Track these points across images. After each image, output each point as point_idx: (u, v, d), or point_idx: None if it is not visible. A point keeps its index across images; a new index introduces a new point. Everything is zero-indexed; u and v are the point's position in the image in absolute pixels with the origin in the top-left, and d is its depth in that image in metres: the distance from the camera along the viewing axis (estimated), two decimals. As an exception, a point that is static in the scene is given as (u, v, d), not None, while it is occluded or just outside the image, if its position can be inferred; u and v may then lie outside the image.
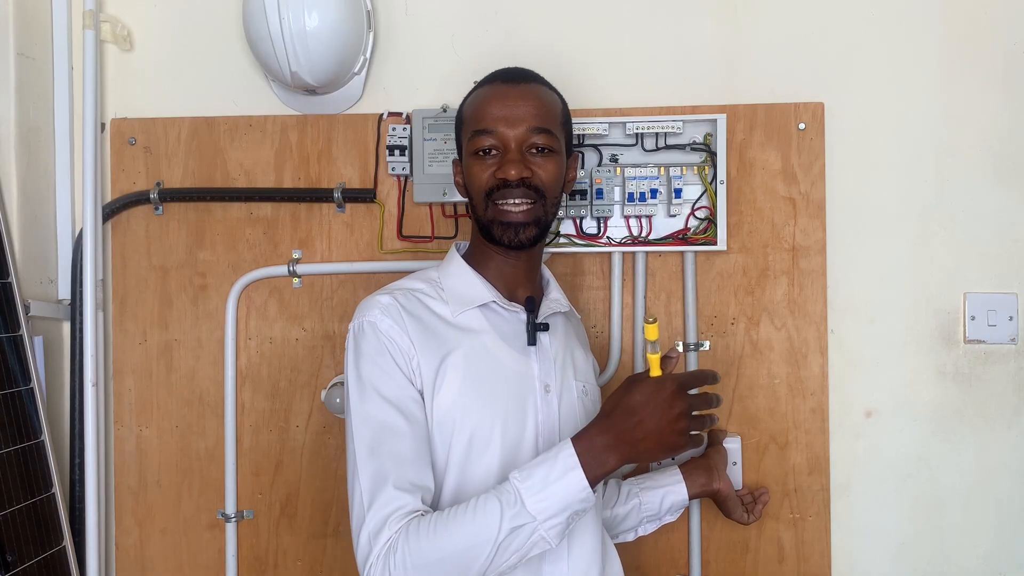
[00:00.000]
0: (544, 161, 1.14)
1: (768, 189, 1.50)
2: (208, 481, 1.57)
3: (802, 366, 1.50)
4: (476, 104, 1.17)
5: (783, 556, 1.50)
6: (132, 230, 1.58)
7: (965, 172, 1.50)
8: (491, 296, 1.16)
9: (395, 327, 1.08)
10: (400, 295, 1.12)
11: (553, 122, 1.16)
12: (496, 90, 1.16)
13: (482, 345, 1.12)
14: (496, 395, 1.11)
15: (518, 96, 1.14)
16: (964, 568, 1.51)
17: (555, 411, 1.14)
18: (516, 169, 1.11)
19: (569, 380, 1.18)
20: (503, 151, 1.13)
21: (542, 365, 1.15)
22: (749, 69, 1.52)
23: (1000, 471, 1.50)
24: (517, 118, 1.13)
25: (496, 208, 1.13)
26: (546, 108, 1.16)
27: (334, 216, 1.56)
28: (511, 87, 1.15)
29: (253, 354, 1.57)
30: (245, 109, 1.57)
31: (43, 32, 1.53)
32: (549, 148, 1.14)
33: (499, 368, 1.12)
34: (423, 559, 0.95)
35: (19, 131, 1.47)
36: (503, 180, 1.12)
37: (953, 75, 1.50)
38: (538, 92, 1.17)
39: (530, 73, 1.20)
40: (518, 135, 1.13)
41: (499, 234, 1.14)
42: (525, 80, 1.17)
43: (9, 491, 1.33)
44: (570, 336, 1.24)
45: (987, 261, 1.50)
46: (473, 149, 1.15)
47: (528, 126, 1.13)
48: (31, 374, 1.40)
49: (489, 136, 1.13)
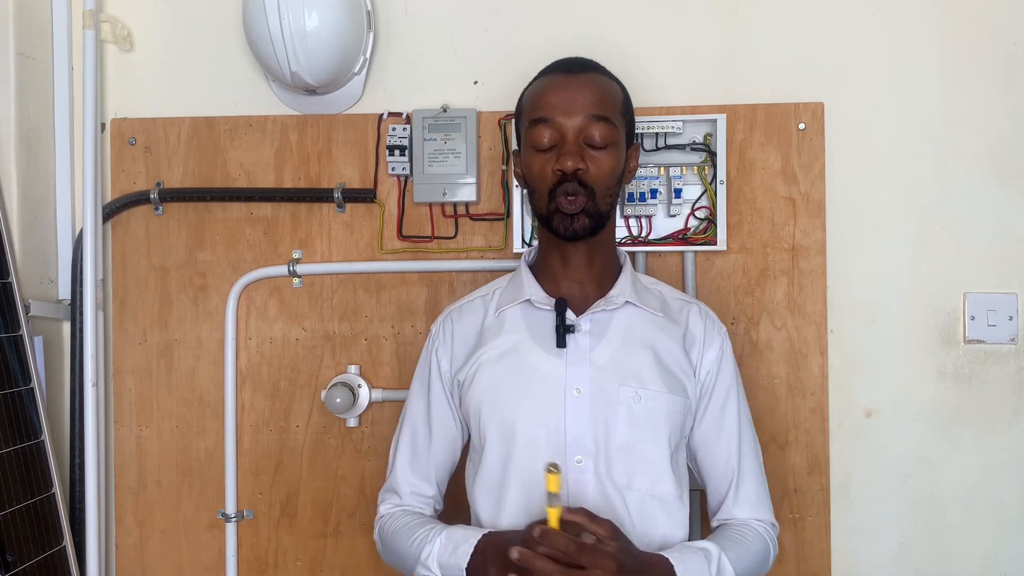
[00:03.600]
0: (601, 155, 1.12)
1: (768, 189, 1.50)
2: (208, 481, 1.57)
3: (802, 366, 1.50)
4: (534, 94, 1.16)
5: (783, 556, 1.50)
6: (132, 230, 1.58)
7: (965, 172, 1.50)
8: (529, 293, 1.17)
9: (443, 346, 1.23)
10: (456, 311, 1.26)
11: (612, 111, 1.14)
12: (555, 80, 1.15)
13: (513, 345, 1.16)
14: (521, 395, 1.12)
15: (577, 85, 1.13)
16: (964, 568, 1.50)
17: (585, 415, 1.11)
18: (573, 160, 1.10)
19: (610, 384, 1.12)
20: (561, 142, 1.12)
21: (573, 367, 1.13)
22: (749, 69, 1.52)
23: (1000, 471, 1.50)
24: (575, 107, 1.11)
25: (555, 202, 1.13)
26: (606, 96, 1.14)
27: (334, 216, 1.56)
28: (570, 76, 1.14)
29: (253, 354, 1.57)
30: (245, 109, 1.57)
31: (43, 32, 1.53)
32: (607, 141, 1.12)
33: (525, 368, 1.14)
34: (384, 546, 1.22)
35: (19, 131, 1.47)
36: (560, 173, 1.11)
37: (953, 75, 1.50)
38: (598, 80, 1.15)
39: (590, 62, 1.18)
40: (576, 124, 1.11)
41: (556, 224, 1.13)
42: (584, 69, 1.15)
43: (9, 491, 1.33)
44: (638, 334, 1.17)
45: (987, 261, 1.50)
46: (532, 141, 1.14)
47: (586, 115, 1.11)
48: (31, 374, 1.40)
49: (547, 125, 1.12)
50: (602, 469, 1.10)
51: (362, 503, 1.55)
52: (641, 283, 1.23)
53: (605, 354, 1.14)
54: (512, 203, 1.49)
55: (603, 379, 1.12)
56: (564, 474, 1.09)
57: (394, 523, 1.19)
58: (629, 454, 1.11)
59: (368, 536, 1.55)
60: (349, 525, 1.55)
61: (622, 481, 1.11)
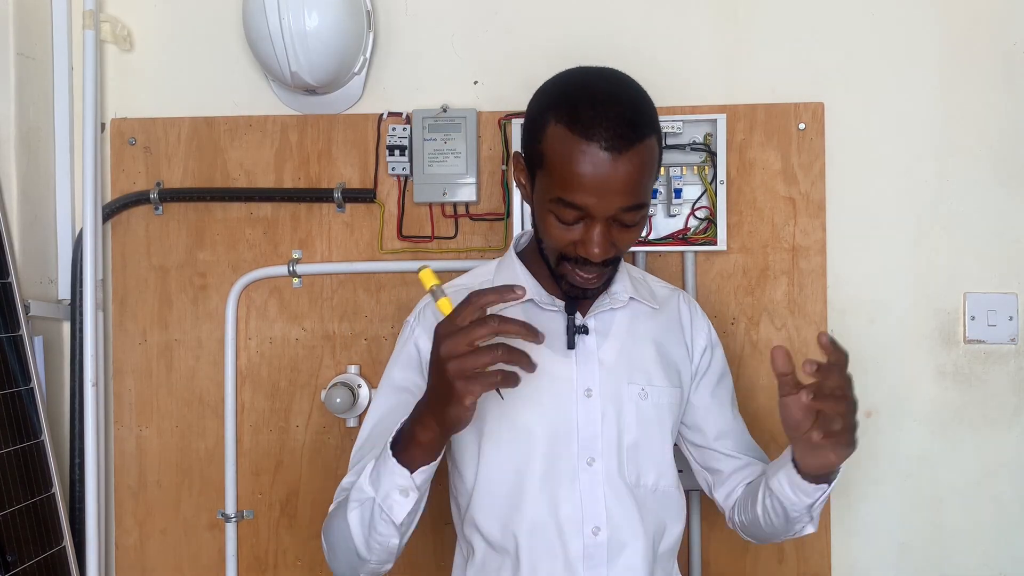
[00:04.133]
0: (629, 232, 1.02)
1: (768, 189, 1.50)
2: (208, 481, 1.57)
3: (802, 366, 1.49)
4: (565, 160, 0.97)
5: (783, 556, 1.50)
6: (132, 230, 1.58)
7: (965, 172, 1.50)
8: (531, 294, 1.11)
9: (424, 333, 1.12)
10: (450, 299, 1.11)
11: (649, 186, 1.01)
12: (593, 158, 0.96)
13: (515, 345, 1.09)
14: (528, 398, 1.08)
15: (618, 168, 0.96)
16: (964, 568, 1.50)
17: (596, 417, 1.09)
18: (601, 249, 1.00)
19: (619, 383, 1.10)
20: (589, 220, 1.00)
21: (583, 368, 1.10)
22: (749, 69, 1.52)
23: (1000, 471, 1.50)
24: (611, 195, 0.97)
25: (567, 269, 1.04)
26: (646, 175, 0.99)
27: (334, 216, 1.56)
28: (612, 158, 0.96)
29: (253, 354, 1.57)
30: (245, 109, 1.57)
31: (43, 32, 1.53)
32: (637, 221, 1.02)
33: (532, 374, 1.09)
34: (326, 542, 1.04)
35: (19, 131, 1.47)
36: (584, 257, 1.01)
37: (953, 75, 1.50)
38: (641, 156, 0.97)
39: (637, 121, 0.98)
40: (609, 211, 0.98)
41: (565, 289, 1.07)
42: (630, 144, 0.96)
43: (9, 491, 1.33)
44: (641, 329, 1.14)
45: (987, 261, 1.50)
46: (554, 211, 1.01)
47: (622, 204, 0.98)
48: (31, 374, 1.40)
49: (575, 209, 0.99)
50: (613, 468, 1.09)
51: (362, 503, 1.55)
52: (633, 274, 1.21)
53: (612, 352, 1.12)
54: (512, 203, 1.49)
55: (612, 378, 1.11)
56: (575, 474, 1.08)
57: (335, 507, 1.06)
58: (637, 451, 1.11)
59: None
60: (349, 525, 1.55)
61: (631, 479, 1.10)
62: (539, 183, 1.03)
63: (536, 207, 1.06)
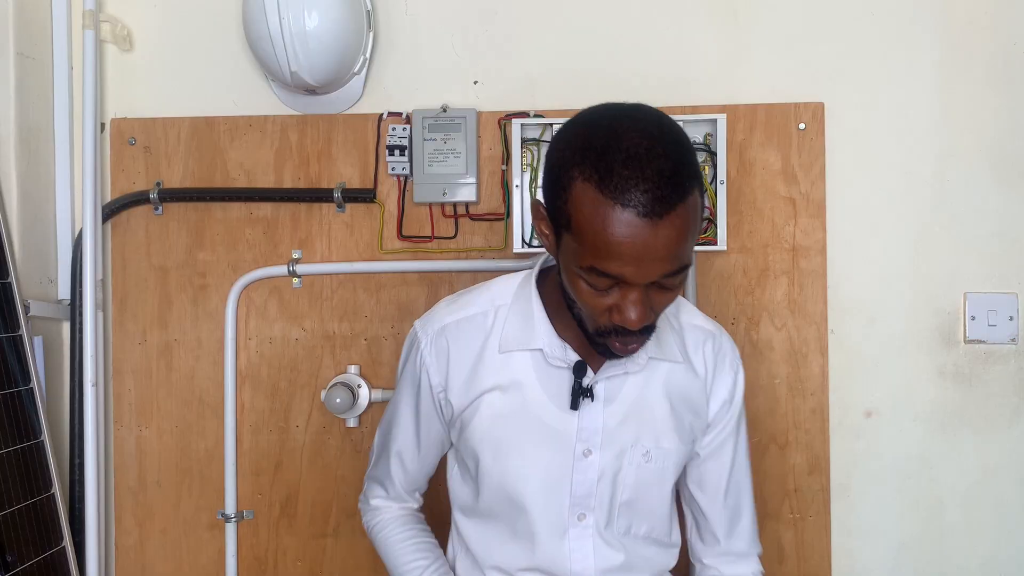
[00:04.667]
0: (669, 292, 0.92)
1: (768, 189, 1.50)
2: (208, 481, 1.57)
3: (802, 366, 1.50)
4: (598, 227, 0.85)
5: (783, 556, 1.50)
6: (132, 230, 1.58)
7: (965, 172, 1.50)
8: (542, 343, 1.03)
9: (434, 364, 1.09)
10: (453, 327, 1.08)
11: (692, 245, 0.90)
12: (631, 225, 0.84)
13: (521, 395, 1.05)
14: (524, 449, 1.05)
15: (658, 235, 0.84)
16: (964, 568, 1.50)
17: (593, 477, 1.05)
18: (639, 318, 0.90)
19: (622, 445, 1.05)
20: (626, 287, 0.89)
21: (585, 427, 1.04)
22: (749, 69, 1.51)
23: (1000, 471, 1.50)
24: (652, 261, 0.86)
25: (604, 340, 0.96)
26: (691, 234, 0.88)
27: (334, 216, 1.56)
28: (653, 223, 0.84)
29: (253, 354, 1.57)
30: (245, 109, 1.57)
31: (43, 32, 1.53)
32: (678, 283, 0.92)
33: (533, 423, 1.05)
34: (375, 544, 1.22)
35: (19, 131, 1.47)
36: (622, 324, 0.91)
37: (953, 75, 1.50)
38: (684, 218, 0.85)
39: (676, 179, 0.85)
40: (649, 279, 0.88)
41: (600, 351, 0.98)
42: (670, 207, 0.84)
43: (9, 491, 1.33)
44: (655, 386, 1.07)
45: (987, 261, 1.50)
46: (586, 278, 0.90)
47: (664, 271, 0.87)
48: (31, 374, 1.40)
49: (610, 280, 0.89)
50: (601, 522, 1.08)
51: (362, 503, 1.55)
52: (665, 321, 1.08)
53: (619, 412, 1.05)
54: (512, 203, 1.49)
55: (615, 439, 1.05)
56: (564, 528, 1.07)
57: (386, 532, 1.19)
58: (631, 507, 1.08)
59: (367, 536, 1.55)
60: (349, 525, 1.55)
61: (621, 529, 1.09)
62: (566, 245, 0.91)
63: (564, 268, 0.94)
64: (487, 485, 1.08)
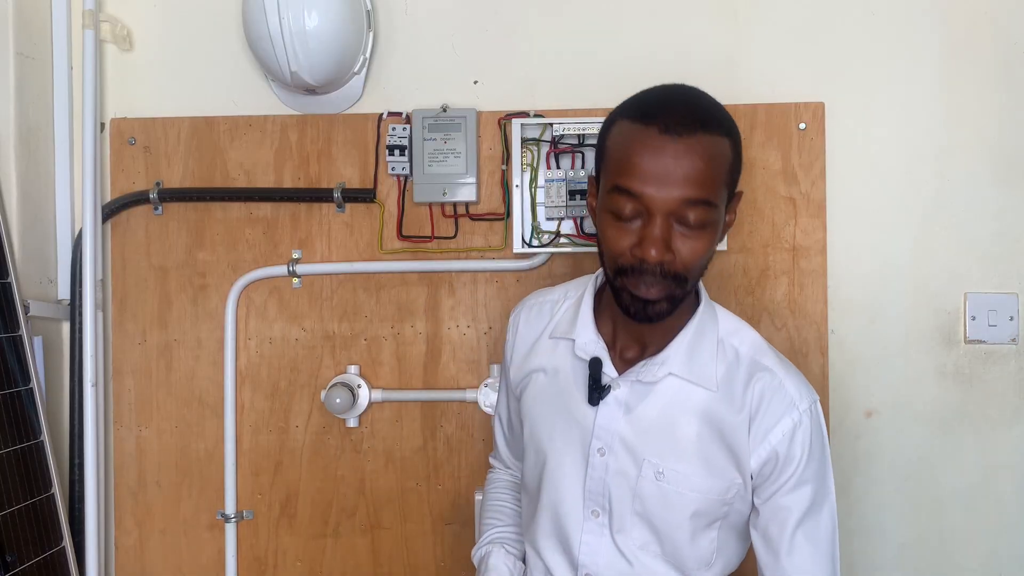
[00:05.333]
0: (693, 238, 0.93)
1: (768, 189, 1.50)
2: (208, 481, 1.57)
3: (802, 366, 1.49)
4: (624, 146, 0.94)
5: (783, 556, 1.50)
6: (132, 230, 1.58)
7: (965, 172, 1.50)
8: (578, 335, 1.06)
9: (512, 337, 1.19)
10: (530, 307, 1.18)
11: (716, 186, 0.93)
12: (651, 140, 0.91)
13: (556, 375, 1.10)
14: (552, 429, 1.09)
15: (677, 154, 0.90)
16: (965, 569, 1.50)
17: (604, 477, 1.04)
18: (657, 249, 0.92)
19: (636, 456, 1.02)
20: (647, 217, 0.93)
21: (602, 427, 1.04)
22: (749, 69, 1.51)
23: (1001, 471, 1.49)
24: (670, 183, 0.90)
25: (625, 281, 0.96)
26: (711, 169, 0.92)
27: (334, 216, 1.55)
28: (670, 140, 0.91)
29: (253, 354, 1.56)
30: (245, 109, 1.57)
31: (43, 32, 1.53)
32: (703, 223, 0.93)
33: (562, 409, 1.08)
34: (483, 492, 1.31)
35: (19, 131, 1.47)
36: (640, 260, 0.93)
37: (953, 75, 1.50)
38: (705, 147, 0.91)
39: (701, 113, 0.93)
40: (668, 204, 0.91)
41: (626, 303, 0.97)
42: (691, 131, 0.91)
43: (9, 491, 1.32)
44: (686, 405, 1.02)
45: (987, 261, 1.50)
46: (610, 206, 0.95)
47: (683, 196, 0.91)
48: (31, 374, 1.40)
49: (632, 200, 0.92)
50: (616, 527, 1.05)
51: (362, 503, 1.55)
52: (707, 338, 1.04)
53: (640, 424, 1.03)
54: (512, 203, 1.49)
55: (629, 449, 1.03)
56: (580, 520, 1.07)
57: (489, 488, 1.29)
58: (648, 523, 1.04)
59: (367, 536, 1.55)
60: (349, 525, 1.55)
61: (636, 542, 1.05)
62: (602, 188, 0.98)
63: (597, 215, 0.99)
64: (527, 456, 1.15)
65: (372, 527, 1.55)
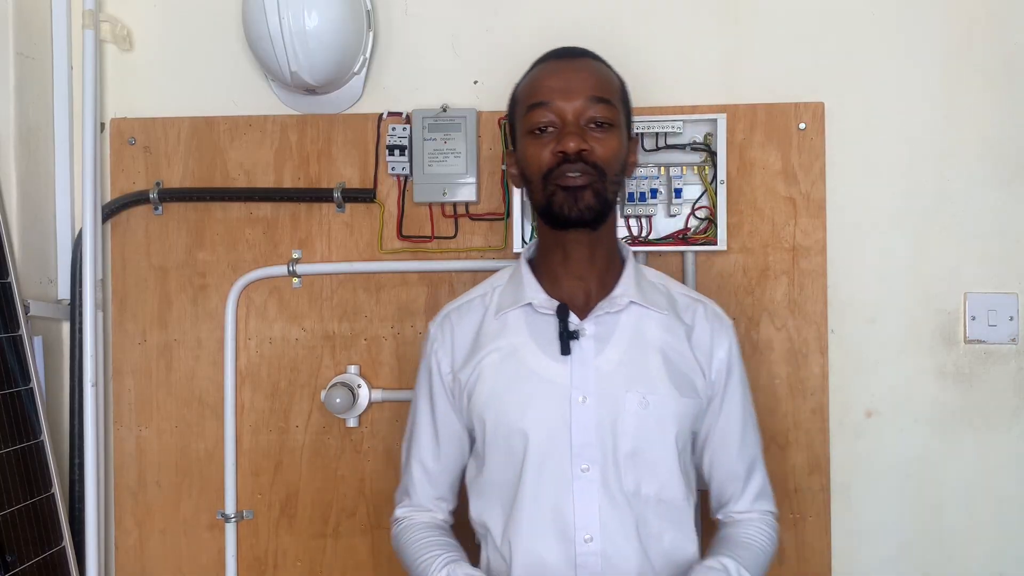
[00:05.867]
0: (603, 135, 1.08)
1: (768, 189, 1.50)
2: (208, 481, 1.57)
3: (802, 366, 1.50)
4: (531, 81, 1.13)
5: (783, 556, 1.50)
6: (132, 230, 1.58)
7: (965, 172, 1.50)
8: (531, 296, 1.13)
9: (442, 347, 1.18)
10: (456, 311, 1.21)
11: (612, 93, 1.11)
12: (551, 65, 1.12)
13: (514, 348, 1.12)
14: (525, 402, 1.09)
15: (575, 68, 1.10)
16: (965, 568, 1.50)
17: (591, 423, 1.08)
18: (575, 141, 1.05)
19: (616, 390, 1.09)
20: (561, 125, 1.08)
21: (578, 373, 1.09)
22: (749, 69, 1.51)
23: (1000, 471, 1.50)
24: (574, 89, 1.07)
25: (555, 184, 1.07)
26: (604, 80, 1.11)
27: (334, 216, 1.55)
28: (566, 61, 1.12)
29: (253, 354, 1.57)
30: (245, 109, 1.57)
31: (43, 32, 1.53)
32: (608, 121, 1.08)
33: (529, 375, 1.10)
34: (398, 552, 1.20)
35: (19, 131, 1.47)
36: (562, 155, 1.05)
37: (954, 75, 1.50)
38: (595, 65, 1.13)
39: (586, 50, 1.15)
40: (576, 107, 1.07)
41: (558, 204, 1.07)
42: (581, 55, 1.13)
43: (9, 491, 1.33)
44: (648, 336, 1.12)
45: (987, 261, 1.50)
46: (529, 126, 1.09)
47: (586, 96, 1.07)
48: (31, 374, 1.40)
49: (546, 109, 1.08)
50: (609, 476, 1.08)
51: (362, 503, 1.55)
52: (646, 278, 1.18)
53: (611, 359, 1.10)
54: (512, 203, 1.49)
55: (609, 385, 1.09)
56: (569, 481, 1.07)
57: (407, 535, 1.18)
58: (636, 461, 1.08)
59: (367, 536, 1.55)
60: (349, 525, 1.55)
61: (629, 488, 1.08)
62: (518, 120, 1.13)
63: (520, 153, 1.13)
64: (492, 449, 1.12)
65: (372, 527, 1.55)
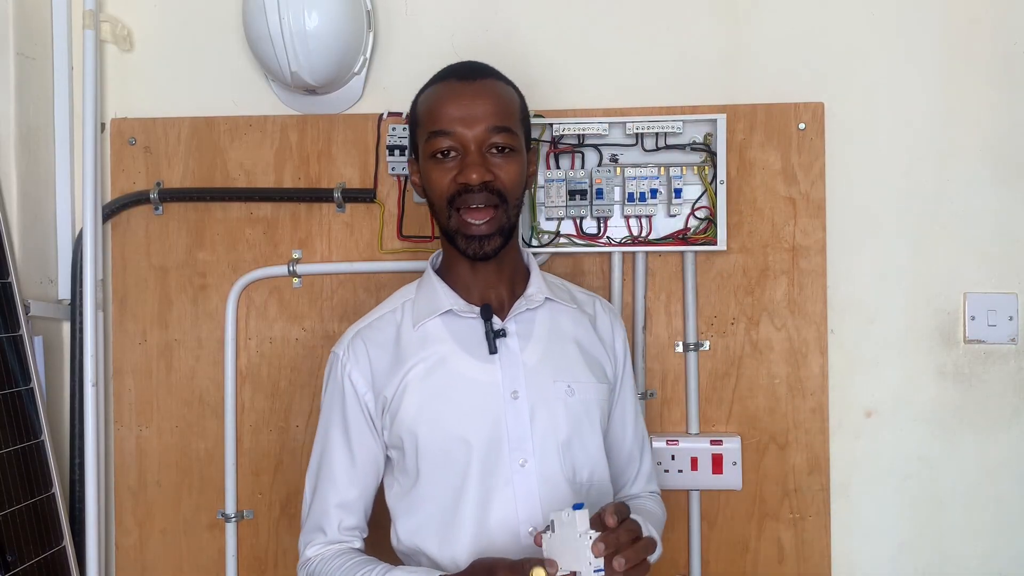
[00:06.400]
0: (505, 162, 1.10)
1: (768, 189, 1.50)
2: (208, 481, 1.57)
3: (802, 366, 1.50)
4: (431, 103, 1.13)
5: (783, 556, 1.50)
6: (132, 230, 1.58)
7: (965, 172, 1.50)
8: (449, 303, 1.14)
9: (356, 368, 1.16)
10: (366, 330, 1.18)
11: (512, 119, 1.12)
12: (451, 88, 1.11)
13: (440, 357, 1.13)
14: (458, 406, 1.11)
15: (474, 94, 1.10)
16: (964, 568, 1.50)
17: (525, 418, 1.11)
18: (477, 172, 1.08)
19: (544, 382, 1.13)
20: (462, 153, 1.10)
21: (507, 371, 1.12)
22: (749, 69, 1.51)
23: (1000, 471, 1.50)
24: (475, 117, 1.09)
25: (459, 219, 1.10)
26: (504, 105, 1.12)
27: (334, 216, 1.56)
28: (466, 84, 1.11)
29: (253, 354, 1.57)
30: (245, 109, 1.57)
31: (43, 32, 1.53)
32: (510, 147, 1.11)
33: (458, 379, 1.12)
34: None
35: (19, 131, 1.47)
36: (464, 185, 1.08)
37: (953, 75, 1.50)
38: (495, 88, 1.13)
39: (485, 67, 1.16)
40: (477, 135, 1.09)
41: (463, 246, 1.11)
42: (481, 75, 1.13)
43: (9, 491, 1.33)
44: (562, 329, 1.18)
45: (987, 261, 1.50)
46: (431, 152, 1.11)
47: (487, 125, 1.09)
48: (31, 374, 1.40)
49: (447, 138, 1.09)
50: (546, 467, 1.11)
51: (362, 503, 1.55)
52: (549, 280, 1.23)
53: (535, 353, 1.14)
54: (512, 203, 1.49)
55: (537, 378, 1.13)
56: (509, 478, 1.09)
57: (328, 566, 1.12)
58: (569, 449, 1.13)
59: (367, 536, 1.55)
60: (349, 525, 1.55)
61: (568, 475, 1.12)
62: (420, 143, 1.14)
63: (423, 174, 1.14)
64: (428, 461, 1.11)
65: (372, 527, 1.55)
